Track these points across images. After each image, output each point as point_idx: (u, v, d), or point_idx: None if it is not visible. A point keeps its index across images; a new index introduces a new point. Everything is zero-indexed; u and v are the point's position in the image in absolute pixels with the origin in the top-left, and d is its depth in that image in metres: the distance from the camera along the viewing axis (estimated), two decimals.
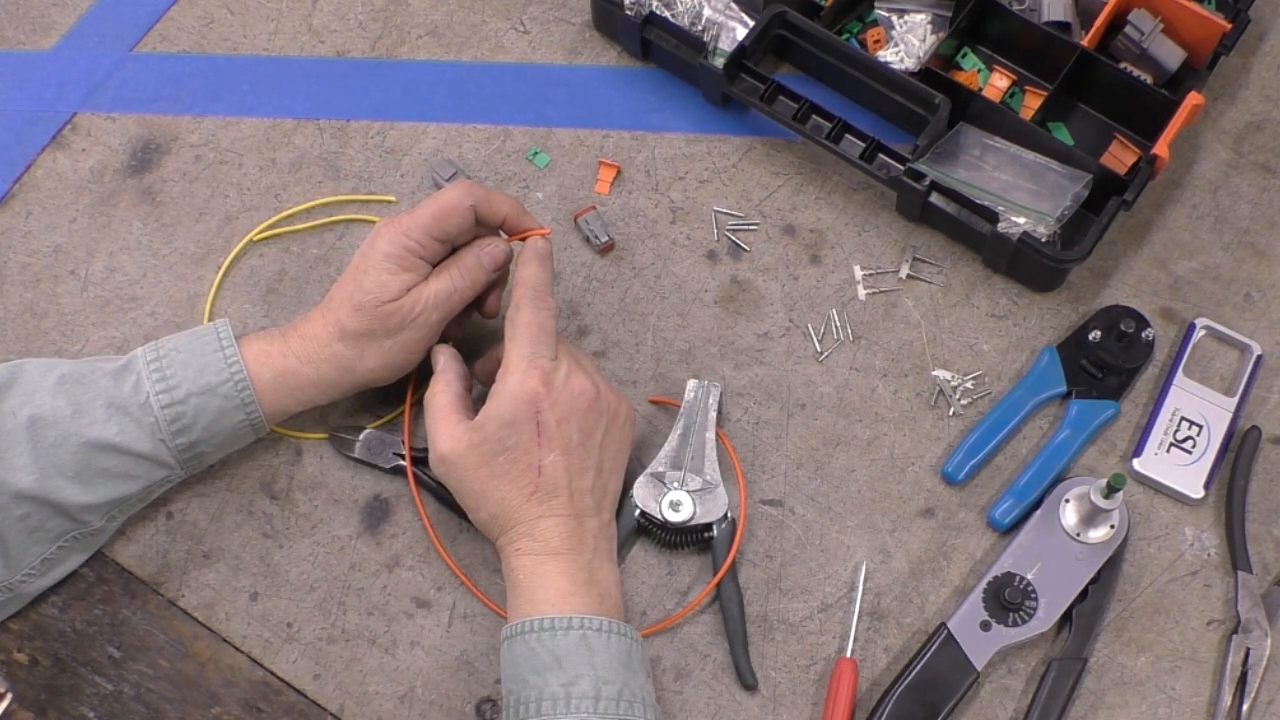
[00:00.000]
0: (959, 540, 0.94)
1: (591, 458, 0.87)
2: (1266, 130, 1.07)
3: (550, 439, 0.86)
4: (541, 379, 0.86)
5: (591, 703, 0.78)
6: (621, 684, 0.80)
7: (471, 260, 0.92)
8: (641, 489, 0.92)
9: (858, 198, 1.05)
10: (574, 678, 0.79)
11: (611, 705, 0.79)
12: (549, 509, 0.85)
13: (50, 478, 0.85)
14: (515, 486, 0.85)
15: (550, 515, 0.85)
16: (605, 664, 0.80)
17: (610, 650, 0.81)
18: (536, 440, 0.85)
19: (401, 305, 0.88)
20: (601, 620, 0.82)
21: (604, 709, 0.78)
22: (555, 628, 0.81)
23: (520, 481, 0.85)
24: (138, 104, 1.10)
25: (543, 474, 0.85)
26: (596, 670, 0.80)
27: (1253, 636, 0.90)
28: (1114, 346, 0.97)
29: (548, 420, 0.85)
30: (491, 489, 0.86)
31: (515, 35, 1.12)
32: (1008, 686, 0.90)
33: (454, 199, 0.89)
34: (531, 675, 0.80)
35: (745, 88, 1.05)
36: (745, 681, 0.89)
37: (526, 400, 0.85)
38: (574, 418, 0.87)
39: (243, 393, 0.88)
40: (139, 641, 0.92)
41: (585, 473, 0.87)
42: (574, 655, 0.80)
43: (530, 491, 0.85)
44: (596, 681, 0.79)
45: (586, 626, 0.81)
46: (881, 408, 0.98)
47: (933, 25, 1.08)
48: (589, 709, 0.78)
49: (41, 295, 1.02)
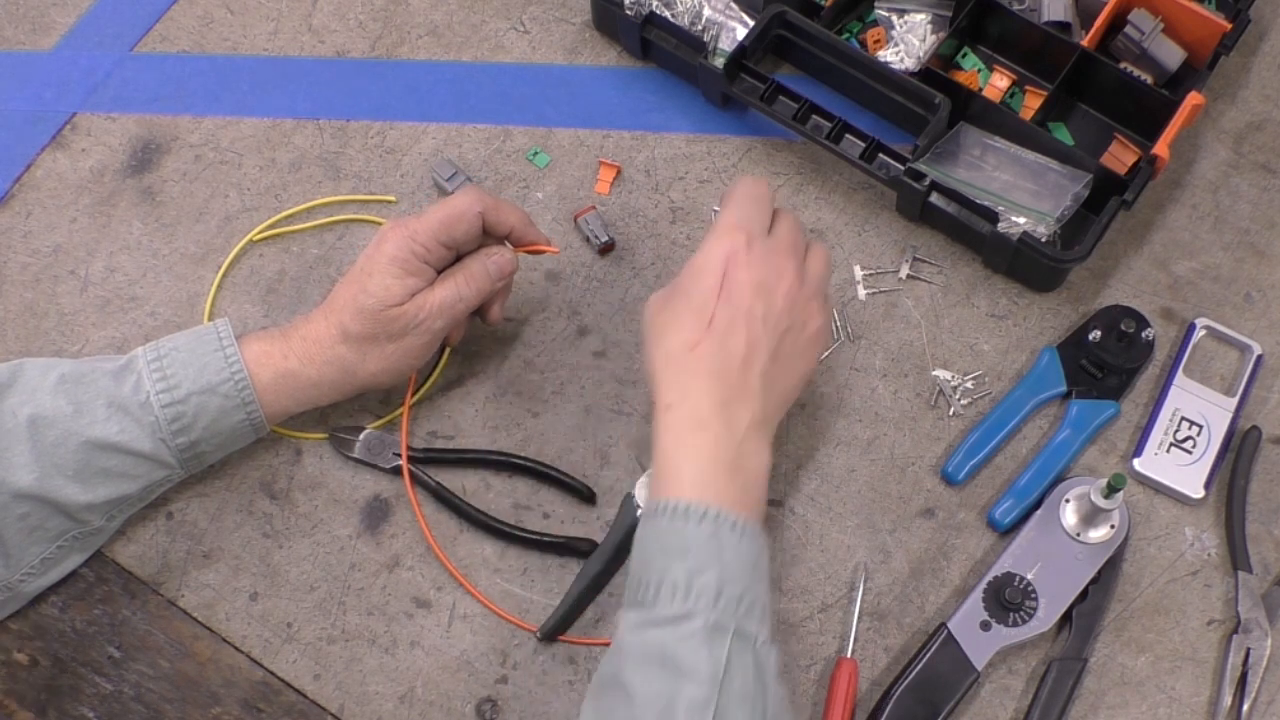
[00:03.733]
0: (959, 540, 0.94)
1: (770, 340, 0.82)
2: (1266, 130, 1.07)
3: (731, 297, 0.81)
4: (745, 240, 0.82)
5: (712, 597, 0.76)
6: (744, 586, 0.77)
7: (478, 268, 0.91)
8: (644, 489, 0.92)
9: (858, 198, 1.05)
10: (699, 568, 0.76)
11: (732, 604, 0.76)
12: (709, 367, 0.80)
13: (50, 477, 0.85)
14: (683, 333, 0.81)
15: (708, 376, 0.80)
16: (733, 562, 0.77)
17: (740, 549, 0.78)
18: (717, 291, 0.81)
19: (405, 310, 0.88)
20: (737, 517, 0.78)
21: (723, 606, 0.76)
22: (690, 515, 0.78)
23: (689, 328, 0.81)
24: (138, 104, 1.10)
25: (713, 326, 0.81)
26: (724, 567, 0.77)
27: (1253, 636, 0.90)
28: (1114, 346, 0.97)
29: (736, 279, 0.82)
30: (665, 329, 0.82)
31: (515, 35, 1.12)
32: (1008, 686, 0.90)
33: (463, 205, 0.89)
34: (658, 558, 0.78)
35: (745, 88, 1.05)
36: None
37: (721, 252, 0.82)
38: (765, 292, 0.82)
39: (243, 392, 0.88)
40: (139, 641, 0.92)
41: (759, 350, 0.82)
42: (703, 547, 0.77)
43: (695, 340, 0.81)
44: (721, 578, 0.76)
45: (721, 521, 0.78)
46: (881, 408, 0.98)
47: (933, 25, 1.08)
48: (709, 603, 0.75)
49: (41, 295, 1.02)
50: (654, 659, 0.74)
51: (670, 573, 0.76)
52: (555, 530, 0.95)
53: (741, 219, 0.84)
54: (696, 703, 0.72)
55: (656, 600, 0.76)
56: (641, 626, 0.76)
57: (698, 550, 0.77)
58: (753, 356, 0.82)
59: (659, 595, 0.76)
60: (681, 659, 0.74)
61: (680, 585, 0.76)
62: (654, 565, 0.77)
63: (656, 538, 0.78)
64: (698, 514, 0.78)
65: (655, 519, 0.79)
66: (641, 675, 0.74)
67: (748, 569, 0.78)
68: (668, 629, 0.75)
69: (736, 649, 0.75)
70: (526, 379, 0.99)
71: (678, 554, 0.77)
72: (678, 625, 0.75)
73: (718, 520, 0.78)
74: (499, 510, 0.95)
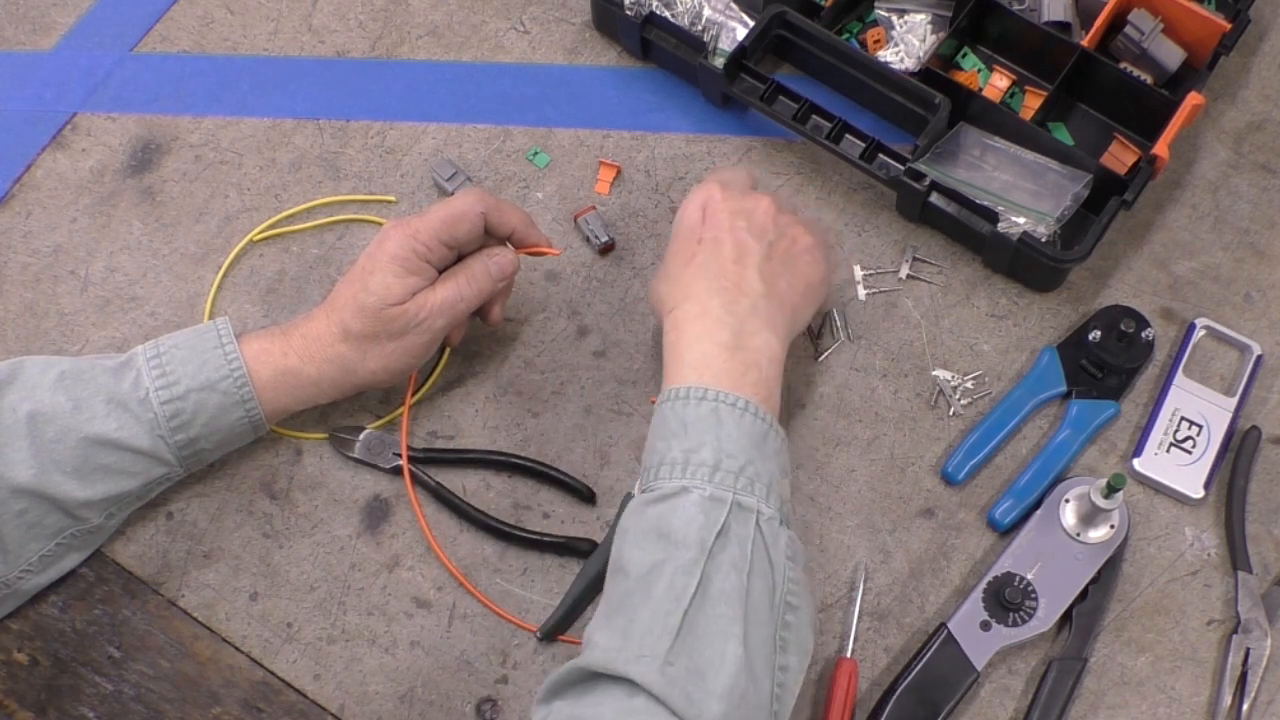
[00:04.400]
0: (959, 540, 0.94)
1: (759, 245, 0.88)
2: (1266, 130, 1.07)
3: (714, 221, 0.89)
4: (720, 187, 0.91)
5: (709, 471, 0.77)
6: (746, 460, 0.78)
7: (479, 269, 0.92)
8: None
9: (858, 198, 1.05)
10: (696, 445, 0.78)
11: (729, 479, 0.77)
12: (705, 271, 0.87)
13: (49, 473, 0.85)
14: (679, 258, 0.89)
15: (705, 277, 0.87)
16: (732, 438, 0.79)
17: (741, 427, 0.79)
18: (701, 219, 0.90)
19: (406, 309, 0.88)
20: (738, 397, 0.80)
21: (720, 480, 0.77)
22: (690, 397, 0.80)
23: (683, 254, 0.89)
24: (138, 104, 1.10)
25: (701, 244, 0.88)
26: (721, 442, 0.78)
27: (1253, 636, 0.90)
28: (1114, 346, 0.97)
29: (715, 209, 0.89)
30: (663, 272, 0.90)
31: (515, 35, 1.12)
32: (1008, 686, 0.90)
33: (465, 205, 0.90)
34: (659, 441, 0.80)
35: (745, 88, 1.05)
36: None
37: (698, 197, 0.91)
38: (743, 214, 0.89)
39: (242, 389, 0.88)
40: (139, 641, 0.92)
41: (749, 251, 0.88)
42: (701, 424, 0.79)
43: (689, 257, 0.88)
44: (719, 452, 0.78)
45: (720, 400, 0.80)
46: (881, 408, 0.98)
47: (933, 25, 1.08)
48: (705, 477, 0.77)
49: (41, 295, 1.02)
50: (650, 533, 0.76)
51: (669, 453, 0.79)
52: (555, 530, 0.95)
53: (715, 178, 0.92)
54: (683, 566, 0.74)
55: (655, 480, 0.78)
56: (640, 506, 0.78)
57: (695, 428, 0.79)
58: (744, 256, 0.88)
59: (658, 475, 0.78)
60: (673, 529, 0.75)
61: (678, 463, 0.78)
62: (655, 449, 0.80)
63: (660, 423, 0.81)
64: (697, 395, 0.80)
65: (660, 407, 0.82)
66: (638, 550, 0.76)
67: (748, 444, 0.79)
68: (663, 504, 0.77)
69: (736, 520, 0.76)
70: (526, 379, 0.99)
71: (676, 435, 0.79)
72: (673, 500, 0.77)
73: (717, 399, 0.80)
74: (499, 510, 0.95)
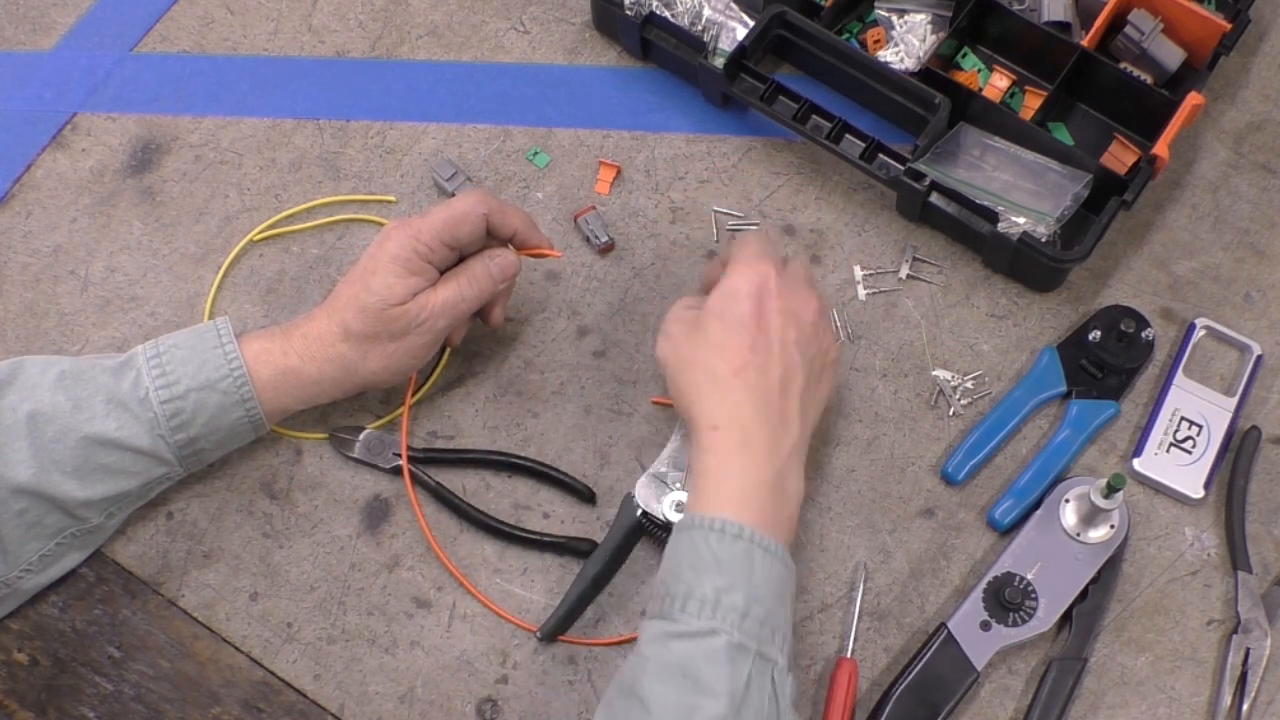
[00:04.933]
0: (959, 540, 0.94)
1: (804, 365, 0.85)
2: (1266, 130, 1.07)
3: (767, 322, 0.84)
4: (775, 268, 0.85)
5: (739, 616, 0.76)
6: (770, 609, 0.78)
7: (481, 270, 0.92)
8: (644, 489, 0.92)
9: (858, 198, 1.05)
10: (729, 586, 0.77)
11: (755, 626, 0.77)
12: (754, 391, 0.82)
13: (49, 472, 0.85)
14: (725, 358, 0.83)
15: (753, 400, 0.82)
16: (762, 584, 0.78)
17: (770, 573, 0.79)
18: (755, 316, 0.84)
19: (408, 310, 0.88)
20: (771, 541, 0.79)
21: (748, 627, 0.76)
22: (725, 532, 0.79)
23: (731, 353, 0.83)
24: (138, 104, 1.10)
25: (754, 351, 0.83)
26: (753, 588, 0.78)
27: (1253, 636, 0.90)
28: (1114, 346, 0.97)
29: (769, 306, 0.84)
30: (702, 356, 0.84)
31: (515, 35, 1.12)
32: (1008, 686, 0.90)
33: (468, 206, 0.90)
34: (688, 571, 0.78)
35: (745, 88, 1.05)
36: None
37: (754, 279, 0.84)
38: (794, 318, 0.85)
39: (242, 389, 0.88)
40: (139, 641, 0.92)
41: (795, 374, 0.84)
42: (735, 565, 0.78)
43: (740, 365, 0.83)
44: (749, 598, 0.77)
45: (755, 541, 0.79)
46: (881, 408, 0.98)
47: (933, 25, 1.08)
48: (734, 622, 0.76)
49: (41, 295, 1.02)
50: (674, 671, 0.75)
51: (699, 587, 0.77)
52: (555, 530, 0.95)
53: (762, 252, 0.86)
54: (714, 718, 0.73)
55: (683, 613, 0.77)
56: (664, 638, 0.77)
57: (729, 567, 0.78)
58: (790, 381, 0.84)
59: (685, 608, 0.77)
60: (703, 674, 0.74)
61: (709, 600, 0.77)
62: (683, 577, 0.78)
63: (690, 550, 0.79)
64: (733, 532, 0.79)
65: (690, 531, 0.80)
66: (661, 686, 0.75)
67: (775, 593, 0.79)
68: (691, 642, 0.76)
69: (757, 671, 0.76)
70: (526, 379, 0.99)
71: (709, 569, 0.78)
72: (701, 640, 0.76)
73: (752, 540, 0.79)
74: (499, 510, 0.95)
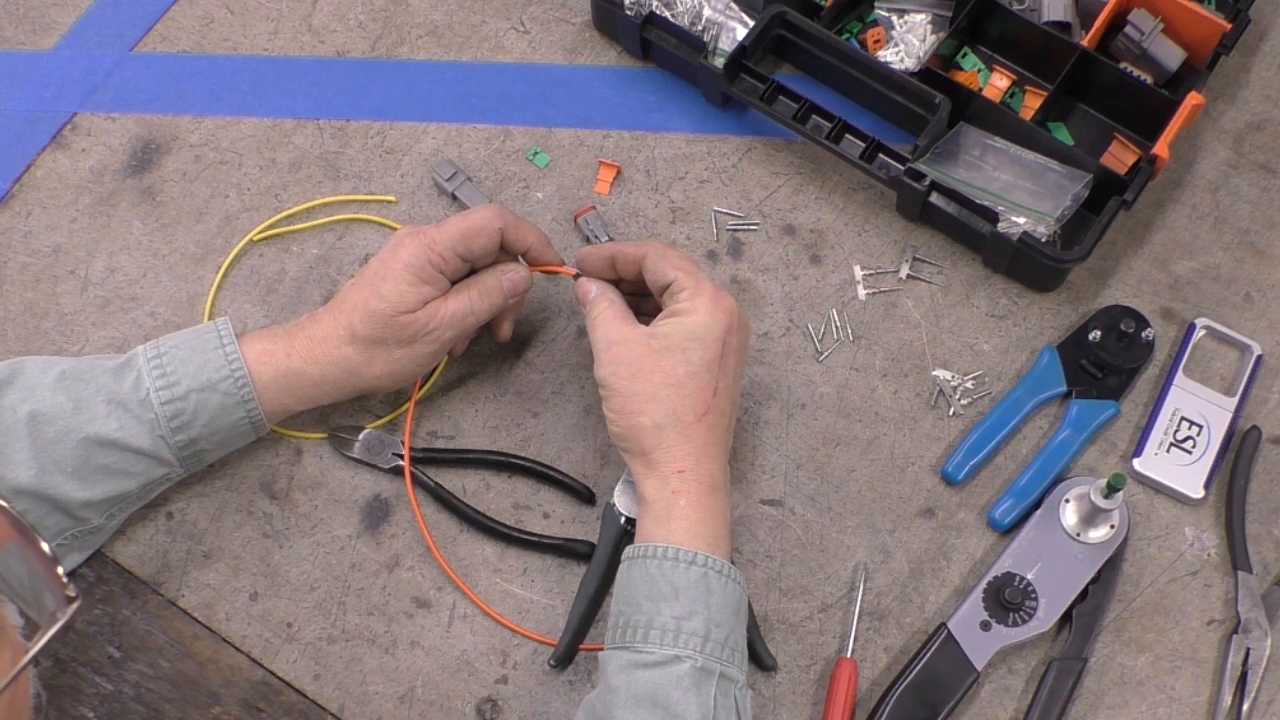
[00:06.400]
0: (959, 540, 0.94)
1: (737, 394, 0.88)
2: (1266, 130, 1.07)
3: (727, 366, 0.86)
4: (733, 309, 0.86)
5: (700, 641, 0.78)
6: (729, 630, 0.80)
7: (493, 283, 0.92)
8: (622, 496, 0.92)
9: (858, 198, 1.05)
10: (688, 613, 0.79)
11: (717, 649, 0.79)
12: (715, 435, 0.85)
13: (49, 474, 0.84)
14: (690, 403, 0.84)
15: (715, 443, 0.85)
16: (719, 607, 0.80)
17: (726, 594, 0.81)
18: (719, 362, 0.85)
19: (417, 318, 0.88)
20: (723, 564, 0.81)
21: (710, 650, 0.78)
22: (679, 560, 0.80)
23: (697, 399, 0.84)
24: (138, 104, 1.10)
25: (716, 396, 0.85)
26: (711, 611, 0.79)
27: (1253, 636, 0.90)
28: (1114, 346, 0.97)
29: (730, 347, 0.86)
30: (664, 397, 0.84)
31: (515, 35, 1.12)
32: (1008, 686, 0.90)
33: (484, 219, 0.90)
34: (646, 601, 0.80)
35: (745, 88, 1.05)
36: (764, 664, 0.90)
37: (721, 323, 0.85)
38: (743, 351, 0.88)
39: (243, 389, 0.88)
40: (139, 641, 0.92)
41: (737, 407, 0.88)
42: (692, 591, 0.80)
43: (703, 412, 0.84)
44: (708, 622, 0.79)
45: (709, 566, 0.81)
46: (881, 408, 0.98)
47: (933, 25, 1.08)
48: (696, 647, 0.78)
49: (41, 295, 1.02)
50: (644, 700, 0.77)
51: (659, 616, 0.79)
52: (555, 530, 0.95)
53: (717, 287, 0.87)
54: None
55: (645, 643, 0.79)
56: (630, 668, 0.78)
57: (686, 595, 0.80)
58: (734, 413, 0.88)
59: (648, 638, 0.79)
60: (673, 701, 0.76)
61: (669, 629, 0.79)
62: (642, 608, 0.80)
63: (645, 581, 0.81)
64: (687, 559, 0.81)
65: (644, 561, 0.81)
66: (633, 716, 0.77)
67: (730, 613, 0.81)
68: (657, 671, 0.78)
69: (721, 691, 0.78)
70: (526, 379, 0.99)
71: (666, 598, 0.80)
72: (666, 668, 0.78)
73: (706, 565, 0.81)
74: (499, 510, 0.95)
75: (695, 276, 0.87)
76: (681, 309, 0.86)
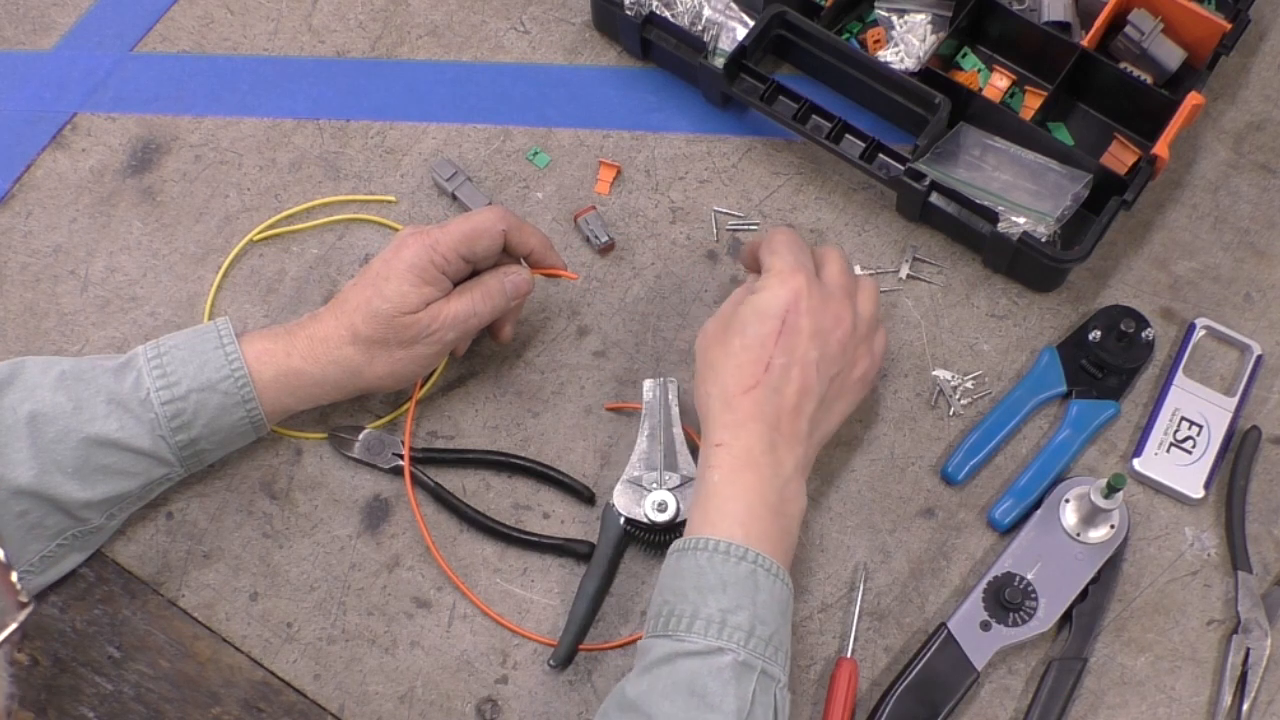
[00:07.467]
0: (959, 540, 0.94)
1: (821, 386, 0.85)
2: (1266, 130, 1.07)
3: (790, 343, 0.84)
4: (806, 282, 0.85)
5: (744, 635, 0.78)
6: (774, 628, 0.79)
7: (495, 285, 0.92)
8: (622, 496, 0.92)
9: (858, 198, 1.05)
10: (734, 607, 0.78)
11: (760, 645, 0.78)
12: (762, 411, 0.83)
13: (49, 473, 0.84)
14: (739, 375, 0.83)
15: (761, 419, 0.83)
16: (766, 604, 0.80)
17: (774, 593, 0.80)
18: (776, 337, 0.84)
19: (419, 319, 0.88)
20: (773, 563, 0.81)
21: (753, 646, 0.78)
22: (730, 554, 0.80)
23: (745, 371, 0.83)
24: (138, 104, 1.10)
25: (769, 371, 0.83)
26: (757, 607, 0.79)
27: (1253, 636, 0.90)
28: (1114, 346, 0.97)
29: (796, 325, 0.84)
30: (720, 366, 0.84)
31: (515, 35, 1.12)
32: (1008, 686, 0.90)
33: (488, 221, 0.90)
34: (693, 592, 0.79)
35: (745, 88, 1.05)
36: None
37: (785, 296, 0.84)
38: (820, 338, 0.85)
39: (243, 389, 0.88)
40: (139, 641, 0.92)
41: (810, 396, 0.84)
42: (740, 586, 0.79)
43: (750, 385, 0.83)
44: (754, 618, 0.79)
45: (759, 564, 0.80)
46: (881, 408, 0.98)
47: (933, 25, 1.08)
48: (740, 640, 0.78)
49: (41, 295, 1.02)
50: (682, 688, 0.76)
51: (705, 607, 0.79)
52: (555, 530, 0.95)
53: (798, 263, 0.86)
54: None
55: (689, 632, 0.78)
56: (671, 657, 0.78)
57: (734, 589, 0.79)
58: (803, 403, 0.84)
59: (691, 628, 0.78)
60: (710, 691, 0.76)
61: (714, 620, 0.78)
62: (688, 598, 0.79)
63: (694, 573, 0.80)
64: (738, 554, 0.80)
65: (694, 553, 0.81)
66: (668, 703, 0.76)
67: (777, 612, 0.80)
68: (698, 660, 0.77)
69: (760, 688, 0.77)
70: (526, 379, 0.99)
71: (714, 590, 0.79)
72: (708, 658, 0.77)
73: (755, 562, 0.80)
74: (499, 510, 0.95)
75: (784, 258, 0.86)
76: (757, 286, 0.86)
